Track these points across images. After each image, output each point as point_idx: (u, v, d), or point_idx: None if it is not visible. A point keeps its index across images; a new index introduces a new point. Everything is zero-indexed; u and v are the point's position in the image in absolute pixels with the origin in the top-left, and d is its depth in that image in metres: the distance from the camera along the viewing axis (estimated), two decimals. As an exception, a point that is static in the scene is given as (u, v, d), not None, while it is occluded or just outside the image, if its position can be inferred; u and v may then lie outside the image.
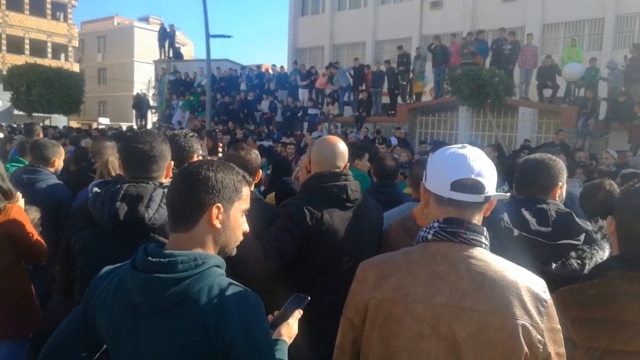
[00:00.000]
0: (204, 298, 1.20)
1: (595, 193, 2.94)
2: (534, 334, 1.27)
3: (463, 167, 1.36)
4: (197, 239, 1.30)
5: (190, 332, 1.19)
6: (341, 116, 17.64)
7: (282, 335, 1.43)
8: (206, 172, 1.30)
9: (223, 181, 1.32)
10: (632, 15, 18.31)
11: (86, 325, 1.36)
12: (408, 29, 23.20)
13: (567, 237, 1.91)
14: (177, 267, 1.21)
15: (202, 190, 1.29)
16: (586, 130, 12.57)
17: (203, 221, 1.30)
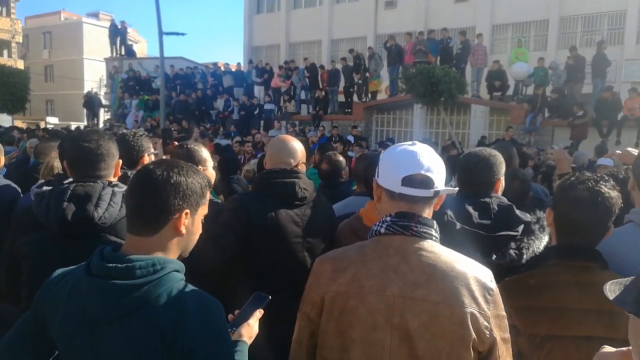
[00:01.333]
0: (162, 304, 1.18)
1: (511, 181, 3.09)
2: (481, 321, 1.35)
3: (413, 163, 1.42)
4: (159, 243, 1.28)
5: (147, 339, 1.17)
6: (299, 114, 17.66)
7: (242, 336, 1.44)
8: (177, 177, 1.28)
9: (193, 186, 1.30)
10: (574, 17, 19.20)
11: (36, 331, 1.32)
12: (363, 28, 23.45)
13: (507, 229, 2.01)
14: (135, 272, 1.19)
15: (173, 195, 1.27)
16: (533, 127, 13.10)
17: (169, 226, 1.28)
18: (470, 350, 1.34)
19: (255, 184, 2.32)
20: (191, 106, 18.84)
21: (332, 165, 3.71)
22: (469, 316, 1.33)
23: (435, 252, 1.40)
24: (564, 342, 1.70)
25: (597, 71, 12.90)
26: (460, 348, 1.33)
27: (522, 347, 1.76)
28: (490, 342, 1.36)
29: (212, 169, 2.79)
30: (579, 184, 1.79)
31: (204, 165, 2.69)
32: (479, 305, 1.35)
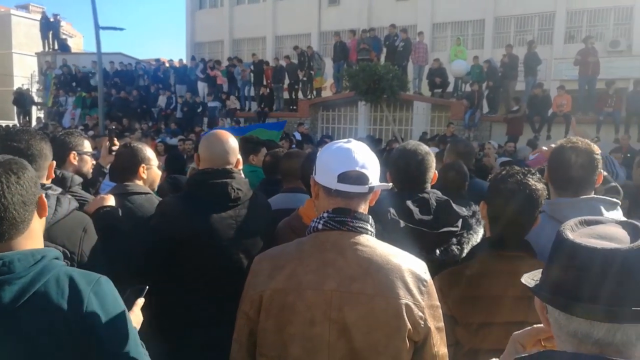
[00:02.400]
0: (54, 289, 1.20)
1: (446, 173, 3.21)
2: (416, 312, 1.39)
3: (348, 160, 1.44)
4: (29, 237, 1.27)
5: (46, 325, 1.18)
6: (243, 111, 17.48)
7: None
8: (23, 169, 1.26)
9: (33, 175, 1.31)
10: (507, 17, 20.07)
11: None
12: (307, 25, 23.50)
13: (448, 225, 2.07)
14: (15, 266, 1.18)
15: (33, 187, 1.27)
16: (472, 122, 13.61)
17: (35, 217, 1.28)
18: (406, 341, 1.38)
19: (187, 185, 2.25)
20: (132, 104, 18.23)
21: (276, 159, 3.61)
22: (404, 307, 1.37)
23: (371, 246, 1.43)
24: (497, 328, 1.78)
25: (528, 69, 13.55)
26: (396, 339, 1.37)
27: (460, 335, 1.83)
28: (425, 331, 1.41)
29: (156, 168, 2.71)
30: (509, 177, 1.88)
31: (147, 163, 2.59)
32: (414, 296, 1.39)
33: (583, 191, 2.04)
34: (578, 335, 0.90)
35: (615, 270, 0.86)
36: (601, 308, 0.86)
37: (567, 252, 0.92)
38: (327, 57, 17.30)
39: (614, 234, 0.94)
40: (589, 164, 2.04)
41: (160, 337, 1.88)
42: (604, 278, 0.86)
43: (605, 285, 0.86)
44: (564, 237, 0.94)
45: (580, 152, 2.03)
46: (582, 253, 0.89)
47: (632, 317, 0.86)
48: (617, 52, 17.50)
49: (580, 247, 0.90)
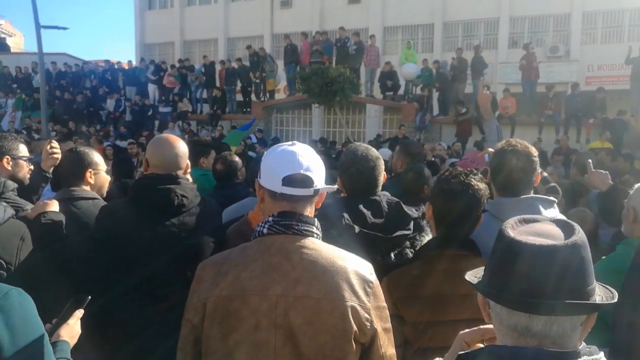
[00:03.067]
0: None
1: (405, 174, 3.31)
2: (362, 314, 1.38)
3: (293, 163, 1.43)
4: None
5: None
6: (195, 114, 17.18)
7: (61, 336, 1.43)
8: None
9: None
10: (455, 23, 20.70)
11: None
12: (259, 27, 23.39)
13: (401, 228, 2.08)
14: None
15: None
16: (423, 124, 13.93)
17: None
18: (352, 343, 1.37)
19: (130, 191, 2.19)
20: (79, 106, 17.54)
21: (228, 165, 3.62)
22: (350, 310, 1.36)
23: (316, 249, 1.42)
24: (445, 326, 1.81)
25: (476, 73, 14.02)
26: (342, 342, 1.36)
27: (408, 335, 1.86)
28: (371, 333, 1.41)
29: (104, 173, 2.63)
30: (452, 178, 1.93)
31: (95, 168, 2.51)
32: (360, 298, 1.39)
33: (523, 191, 2.12)
34: (518, 328, 0.94)
35: (551, 266, 0.90)
36: (539, 302, 0.90)
37: (508, 249, 0.95)
38: (279, 59, 17.26)
39: (550, 232, 0.98)
40: (528, 166, 2.12)
41: (102, 347, 1.81)
42: (541, 273, 0.90)
43: (542, 280, 0.90)
44: (505, 234, 0.97)
45: (519, 154, 2.11)
46: (521, 249, 0.93)
47: (567, 310, 0.91)
48: (557, 58, 18.40)
49: (520, 244, 0.93)
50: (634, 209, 2.35)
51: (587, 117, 12.31)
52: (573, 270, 0.92)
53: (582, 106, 12.44)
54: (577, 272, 0.92)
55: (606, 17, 18.71)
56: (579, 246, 0.93)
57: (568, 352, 0.92)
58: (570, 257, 0.91)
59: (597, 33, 18.91)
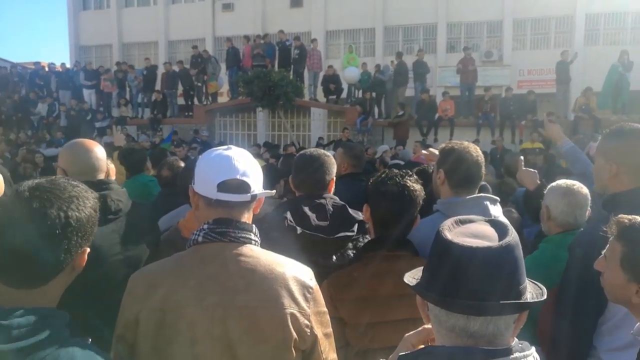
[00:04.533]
0: None
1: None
2: (301, 320, 1.36)
3: (228, 168, 1.39)
4: (46, 293, 1.10)
5: None
6: (136, 118, 16.63)
7: None
8: (76, 213, 1.09)
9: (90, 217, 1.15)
10: (396, 27, 21.21)
11: None
12: (201, 30, 22.98)
13: (344, 230, 2.10)
14: (12, 334, 0.98)
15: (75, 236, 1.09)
16: (365, 127, 14.15)
17: (68, 267, 1.13)
18: (292, 351, 1.35)
19: None
20: (8, 111, 16.52)
21: (174, 171, 3.51)
22: (289, 317, 1.34)
23: (254, 256, 1.39)
24: (385, 326, 1.84)
25: (417, 76, 14.42)
26: (282, 350, 1.34)
27: (349, 337, 1.86)
28: (312, 339, 1.39)
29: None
30: (388, 179, 1.96)
31: None
32: (299, 304, 1.37)
33: (474, 189, 2.20)
34: (456, 329, 0.97)
35: (487, 268, 0.93)
36: (476, 303, 0.93)
37: (445, 252, 0.97)
38: (222, 62, 17.04)
39: (485, 232, 1.01)
40: (481, 163, 2.21)
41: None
42: (478, 275, 0.93)
43: (479, 282, 0.93)
44: (442, 237, 0.99)
45: (472, 153, 2.19)
46: (457, 251, 0.95)
47: (503, 310, 0.94)
48: (491, 62, 19.25)
49: (456, 247, 0.95)
50: (547, 207, 2.50)
51: (520, 119, 12.94)
52: (507, 271, 0.95)
53: (515, 108, 13.07)
54: (511, 273, 0.96)
55: (534, 24, 19.78)
56: (512, 247, 0.96)
57: (500, 350, 0.95)
58: (505, 258, 0.95)
59: (527, 39, 19.96)
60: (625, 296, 1.47)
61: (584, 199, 2.42)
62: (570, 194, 2.41)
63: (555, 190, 2.46)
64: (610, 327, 1.84)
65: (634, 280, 1.44)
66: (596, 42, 18.91)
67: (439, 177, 2.23)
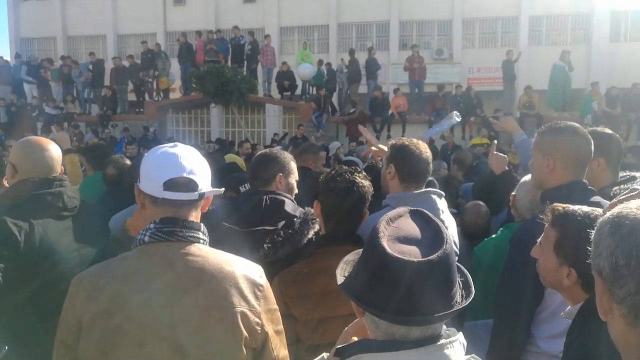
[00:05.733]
0: None
1: (304, 179, 3.36)
2: (252, 318, 1.36)
3: (174, 166, 1.37)
4: None
5: None
6: (85, 114, 16.02)
7: None
8: None
9: None
10: (349, 24, 21.37)
11: None
12: (152, 24, 22.37)
13: (264, 224, 2.08)
14: None
15: None
16: (320, 124, 14.20)
17: None
18: (243, 350, 1.35)
19: (9, 198, 2.00)
20: None
21: (120, 169, 3.41)
22: (239, 315, 1.33)
23: (202, 255, 1.37)
24: (335, 322, 1.85)
25: (369, 73, 14.59)
26: (233, 349, 1.33)
27: (300, 332, 1.88)
28: (262, 337, 1.39)
29: None
30: (337, 176, 1.98)
31: None
32: (249, 302, 1.36)
33: (423, 184, 2.27)
34: (396, 336, 1.01)
35: (427, 281, 0.97)
36: (417, 318, 0.98)
37: (383, 264, 0.98)
38: (173, 58, 16.66)
39: (412, 233, 1.04)
40: (429, 159, 2.28)
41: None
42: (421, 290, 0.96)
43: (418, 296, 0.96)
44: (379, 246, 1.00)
45: (421, 148, 2.26)
46: (398, 267, 0.96)
47: (440, 319, 1.00)
48: (442, 60, 19.75)
49: (395, 260, 0.97)
50: (514, 196, 2.61)
51: (469, 116, 13.35)
52: (447, 279, 1.00)
53: (464, 105, 13.47)
54: (450, 281, 1.00)
55: (482, 24, 20.42)
56: (449, 254, 1.00)
57: (428, 338, 1.00)
58: (444, 268, 0.99)
59: (476, 38, 20.59)
60: (558, 280, 1.56)
61: None
62: (535, 192, 2.52)
63: (525, 185, 2.57)
64: (548, 315, 1.93)
65: (565, 263, 1.52)
66: (539, 43, 19.73)
67: (389, 172, 2.29)
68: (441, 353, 0.99)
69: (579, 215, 1.50)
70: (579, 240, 1.42)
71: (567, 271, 1.52)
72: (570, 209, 1.53)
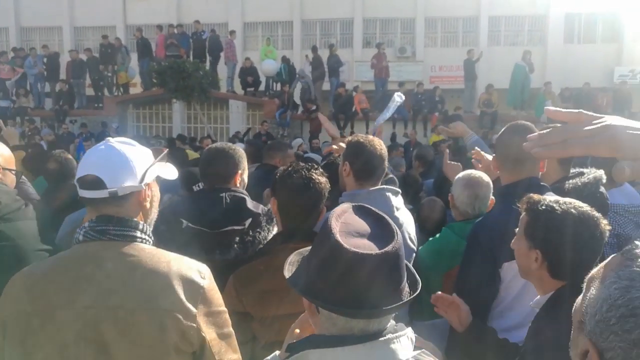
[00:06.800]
0: None
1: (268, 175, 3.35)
2: (184, 322, 1.30)
3: (85, 164, 1.37)
4: None
5: None
6: (40, 109, 15.44)
7: None
8: None
9: None
10: (313, 21, 21.35)
11: None
12: (111, 17, 21.71)
13: (234, 223, 2.07)
14: None
15: None
16: (284, 121, 14.15)
17: None
18: (173, 354, 1.30)
19: None
20: None
21: (62, 164, 3.26)
22: (169, 319, 1.28)
23: (136, 255, 1.33)
24: (291, 319, 1.84)
25: (332, 71, 14.64)
26: (161, 353, 1.29)
27: (256, 330, 1.87)
28: (199, 341, 1.34)
29: None
30: (294, 172, 1.96)
31: None
32: (182, 305, 1.31)
33: (378, 181, 2.28)
34: (354, 331, 1.01)
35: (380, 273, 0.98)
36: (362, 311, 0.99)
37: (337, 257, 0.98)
38: (134, 52, 16.26)
39: (361, 227, 1.05)
40: (384, 155, 2.29)
41: None
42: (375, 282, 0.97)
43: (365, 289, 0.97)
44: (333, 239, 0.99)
45: (375, 146, 2.26)
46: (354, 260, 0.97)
47: (386, 312, 1.01)
48: (405, 58, 20.00)
49: (350, 253, 0.97)
50: (452, 196, 2.67)
51: (431, 113, 13.59)
52: (397, 273, 1.01)
53: (426, 103, 13.70)
54: (399, 274, 1.01)
55: (444, 23, 20.78)
56: (399, 247, 1.01)
57: (373, 334, 1.01)
58: (394, 262, 1.00)
59: (438, 37, 20.94)
60: (528, 265, 1.60)
61: (485, 191, 2.57)
62: (471, 186, 2.57)
63: (459, 182, 2.62)
64: (502, 309, 1.99)
65: (534, 247, 1.57)
66: (498, 43, 20.24)
67: (344, 169, 2.30)
68: (387, 348, 1.00)
69: (550, 201, 1.56)
70: (548, 223, 1.52)
71: (536, 255, 1.56)
72: (543, 197, 1.60)
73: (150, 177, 1.41)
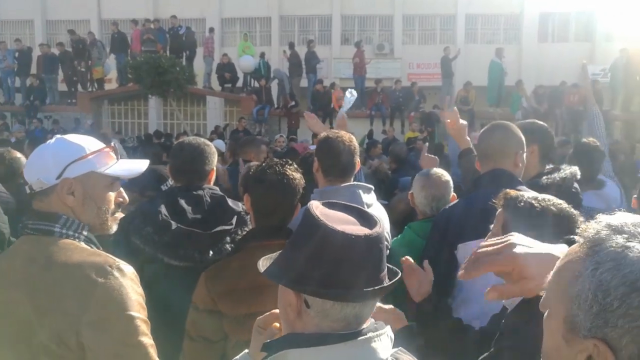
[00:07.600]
0: None
1: (248, 170, 3.32)
2: (60, 325, 1.23)
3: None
4: None
5: None
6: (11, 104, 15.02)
7: None
8: None
9: None
10: (292, 17, 21.25)
11: None
12: (85, 11, 21.21)
13: (221, 223, 2.04)
14: None
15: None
16: (262, 117, 14.07)
17: None
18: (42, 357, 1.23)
19: None
20: None
21: (7, 164, 2.97)
22: (35, 319, 1.23)
23: (43, 248, 1.31)
24: (263, 316, 1.84)
25: (309, 67, 14.61)
26: (31, 355, 1.24)
27: (227, 329, 1.83)
28: (79, 348, 1.24)
29: None
30: (268, 168, 1.94)
31: None
32: (64, 306, 1.23)
33: (349, 177, 2.26)
34: (349, 319, 0.98)
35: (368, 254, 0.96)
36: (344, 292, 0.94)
37: (325, 241, 0.95)
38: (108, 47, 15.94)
39: (342, 215, 1.02)
40: (353, 151, 2.27)
41: None
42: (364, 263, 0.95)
43: (347, 270, 0.94)
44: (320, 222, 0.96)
45: (344, 142, 2.24)
46: (345, 241, 0.94)
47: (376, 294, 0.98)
48: (383, 55, 20.05)
49: (338, 234, 0.94)
50: (411, 194, 2.69)
51: (409, 110, 13.67)
52: (382, 255, 0.99)
53: (404, 100, 13.78)
54: (383, 256, 0.99)
55: (422, 20, 20.90)
56: (382, 232, 0.98)
57: (352, 333, 0.97)
58: (381, 244, 0.98)
59: (415, 34, 21.06)
60: None
61: (442, 190, 2.59)
62: (429, 186, 2.59)
63: (418, 181, 2.64)
64: (464, 299, 2.02)
65: None
66: (475, 41, 20.45)
67: (315, 166, 2.29)
68: (368, 346, 0.97)
69: (528, 198, 1.56)
70: (526, 220, 1.49)
71: None
72: (521, 193, 1.60)
73: (72, 172, 1.35)
